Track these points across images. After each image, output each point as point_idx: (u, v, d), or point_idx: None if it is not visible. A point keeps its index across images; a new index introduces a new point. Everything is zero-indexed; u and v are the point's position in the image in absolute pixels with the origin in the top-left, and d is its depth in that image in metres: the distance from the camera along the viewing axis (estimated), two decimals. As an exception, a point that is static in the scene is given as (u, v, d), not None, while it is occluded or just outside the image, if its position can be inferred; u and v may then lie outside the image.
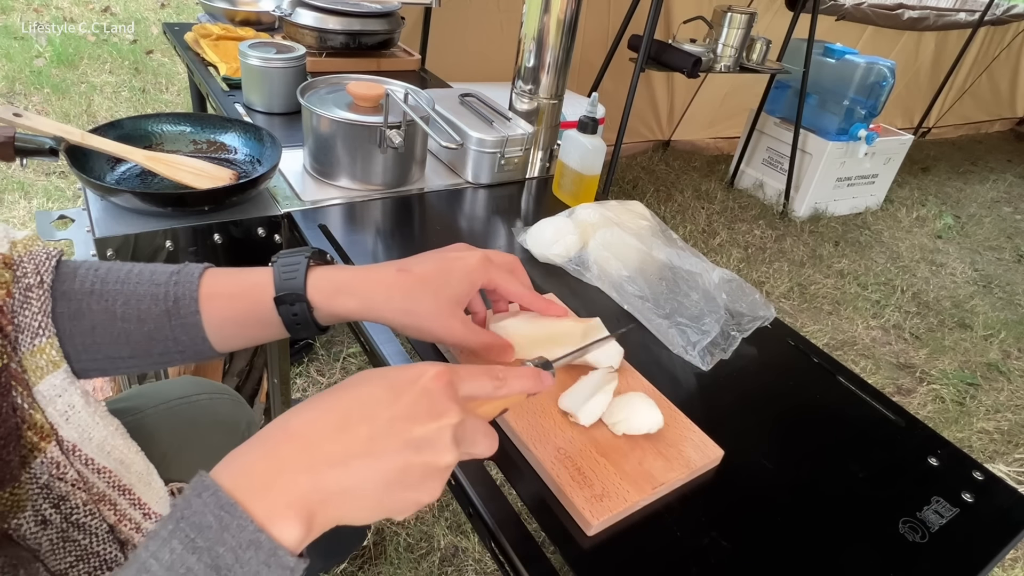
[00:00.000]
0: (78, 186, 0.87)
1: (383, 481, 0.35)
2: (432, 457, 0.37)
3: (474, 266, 0.53)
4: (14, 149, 0.79)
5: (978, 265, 2.91)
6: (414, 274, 0.52)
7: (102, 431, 0.49)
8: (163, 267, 0.51)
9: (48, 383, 0.46)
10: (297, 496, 0.33)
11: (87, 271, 0.49)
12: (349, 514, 0.35)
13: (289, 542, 0.32)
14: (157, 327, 0.49)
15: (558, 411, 0.57)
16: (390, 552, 1.26)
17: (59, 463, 0.46)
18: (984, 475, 0.62)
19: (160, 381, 0.85)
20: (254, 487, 0.33)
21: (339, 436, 0.35)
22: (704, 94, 3.36)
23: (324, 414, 0.36)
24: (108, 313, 0.48)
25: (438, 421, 0.37)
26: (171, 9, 4.01)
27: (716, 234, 2.74)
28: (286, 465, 0.34)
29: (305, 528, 0.33)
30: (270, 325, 0.51)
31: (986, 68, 4.32)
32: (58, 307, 0.47)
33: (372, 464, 0.35)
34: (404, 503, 0.37)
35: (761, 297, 0.78)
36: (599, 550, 0.49)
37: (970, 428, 1.92)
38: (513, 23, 2.29)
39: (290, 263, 0.51)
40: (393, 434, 0.36)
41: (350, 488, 0.35)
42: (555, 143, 1.12)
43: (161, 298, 0.49)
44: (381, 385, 0.38)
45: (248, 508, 0.32)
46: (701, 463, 0.56)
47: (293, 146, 1.05)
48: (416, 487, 0.37)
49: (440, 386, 0.38)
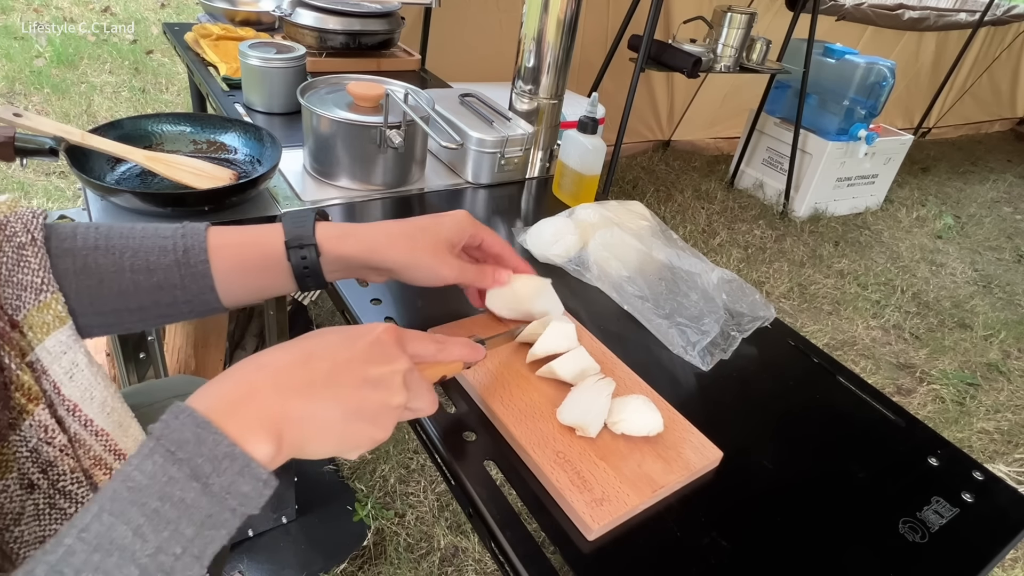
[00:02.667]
0: (78, 186, 0.87)
1: (343, 410, 0.40)
2: (385, 395, 0.42)
3: (462, 216, 0.61)
4: (14, 149, 0.79)
5: (978, 265, 2.91)
6: (411, 222, 0.59)
7: (103, 392, 0.49)
8: (165, 224, 0.53)
9: (54, 339, 0.46)
10: (266, 416, 0.37)
11: (87, 229, 0.50)
12: (313, 440, 0.39)
13: (261, 457, 0.36)
14: (166, 276, 0.50)
15: (555, 417, 0.57)
16: (390, 552, 1.26)
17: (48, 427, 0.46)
18: (984, 475, 0.62)
19: (159, 379, 0.85)
20: (227, 409, 0.36)
21: (304, 369, 0.40)
22: (704, 94, 3.35)
23: (289, 352, 0.41)
24: (116, 266, 0.49)
25: (390, 365, 0.43)
26: (171, 9, 4.01)
27: (716, 234, 2.74)
28: (256, 390, 0.38)
29: (275, 445, 0.37)
30: (279, 274, 0.54)
31: (987, 68, 4.32)
32: (61, 264, 0.48)
33: (333, 394, 0.40)
34: (360, 436, 0.41)
35: (761, 297, 0.78)
36: (599, 550, 0.49)
37: (970, 428, 1.92)
38: (513, 23, 2.29)
39: (299, 214, 0.55)
40: (351, 371, 0.41)
41: (313, 414, 0.39)
42: (555, 143, 1.12)
43: (170, 249, 0.51)
44: (339, 334, 0.43)
45: (222, 426, 0.35)
46: (700, 465, 0.56)
47: (293, 146, 1.05)
48: (372, 420, 0.41)
49: (390, 338, 0.44)
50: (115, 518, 0.32)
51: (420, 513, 1.35)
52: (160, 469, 0.33)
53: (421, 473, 1.44)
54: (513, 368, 0.62)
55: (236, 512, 0.35)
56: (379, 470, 1.42)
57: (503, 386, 0.60)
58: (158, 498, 0.33)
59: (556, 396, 0.59)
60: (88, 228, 0.51)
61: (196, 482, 0.34)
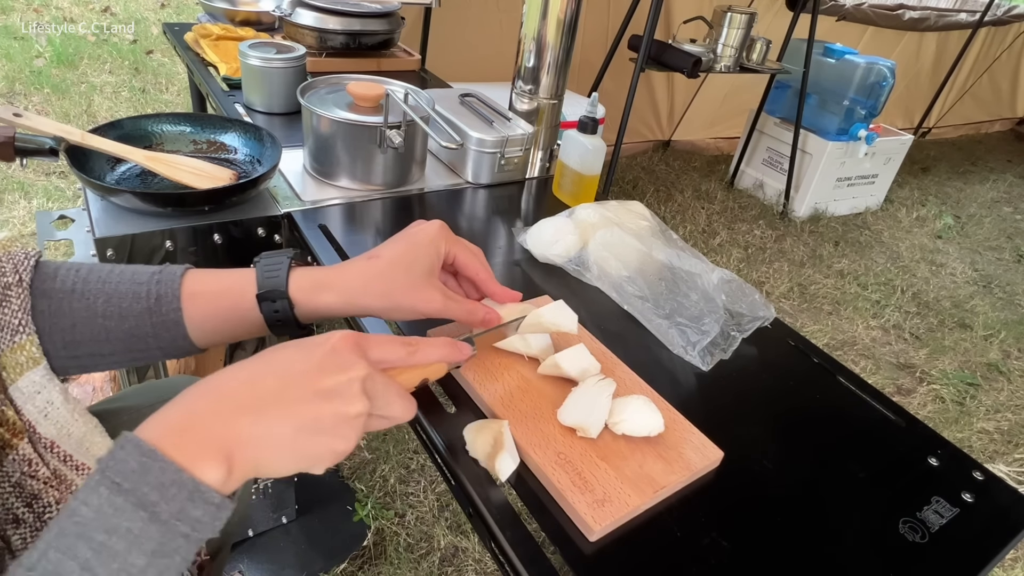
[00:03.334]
0: (78, 186, 0.87)
1: (295, 427, 0.39)
2: (341, 406, 0.40)
3: (435, 231, 0.57)
4: (14, 149, 0.79)
5: (978, 265, 2.91)
6: (384, 258, 0.55)
7: (81, 428, 0.49)
8: (144, 267, 0.52)
9: (27, 379, 0.46)
10: (212, 439, 0.36)
11: (67, 271, 0.50)
12: (268, 459, 0.38)
13: (212, 481, 0.35)
14: (138, 324, 0.50)
15: (557, 418, 0.57)
16: (390, 552, 1.26)
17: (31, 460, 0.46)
18: (984, 475, 0.62)
19: (159, 379, 0.85)
20: (173, 436, 0.36)
21: (250, 388, 0.39)
22: (704, 94, 3.35)
23: (240, 372, 0.40)
24: (89, 311, 0.49)
25: (346, 373, 0.41)
26: (171, 9, 4.01)
27: (716, 234, 2.74)
28: (200, 414, 0.37)
29: (225, 468, 0.36)
30: (251, 323, 0.53)
31: (987, 69, 4.32)
32: (38, 305, 0.48)
33: (283, 410, 0.38)
34: (320, 450, 0.40)
35: (761, 297, 0.78)
36: (599, 551, 0.49)
37: (970, 428, 1.92)
38: (513, 23, 2.29)
39: (272, 263, 0.53)
40: (303, 385, 0.39)
41: (264, 433, 0.38)
42: (555, 143, 1.11)
43: (143, 296, 0.50)
44: (293, 348, 0.42)
45: (168, 453, 0.35)
46: (701, 465, 0.56)
47: (293, 146, 1.05)
48: (330, 433, 0.40)
49: (347, 345, 0.42)
50: (62, 554, 0.31)
51: (420, 513, 1.35)
52: (105, 501, 0.33)
53: (421, 473, 1.44)
54: (514, 368, 0.62)
55: (190, 538, 0.34)
56: (379, 470, 1.42)
57: (503, 387, 0.60)
58: (104, 531, 0.32)
59: (557, 397, 0.59)
60: (68, 270, 0.50)
61: (143, 511, 0.33)
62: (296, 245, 0.88)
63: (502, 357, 0.63)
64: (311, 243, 0.83)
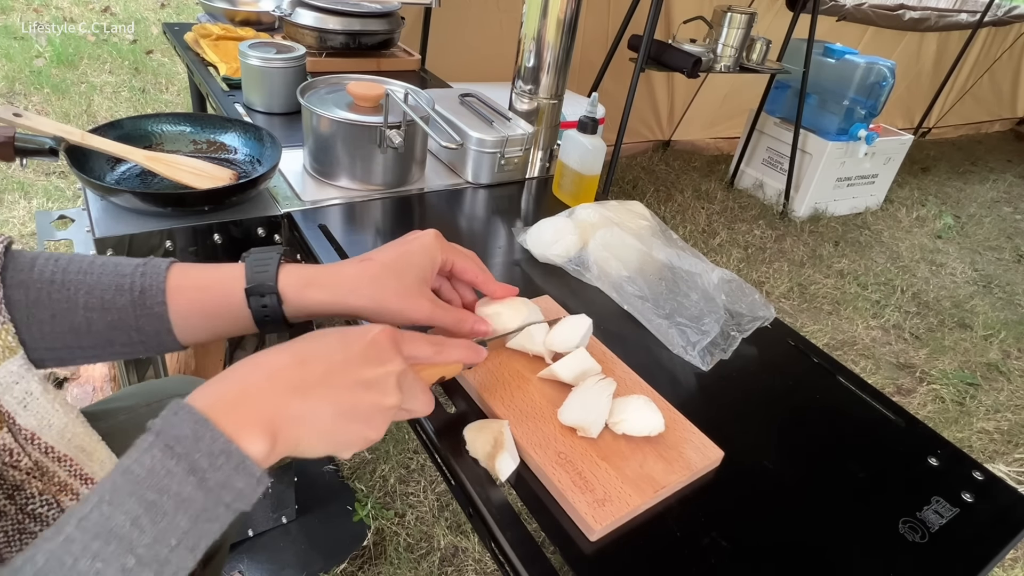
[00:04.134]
0: (78, 186, 0.87)
1: (336, 411, 0.41)
2: (379, 396, 0.42)
3: (430, 241, 0.57)
4: (14, 149, 0.79)
5: (978, 265, 2.91)
6: (377, 262, 0.55)
7: (62, 418, 0.49)
8: (128, 260, 0.51)
9: (5, 370, 0.46)
10: (262, 415, 0.38)
11: (46, 261, 0.49)
12: (306, 439, 0.40)
13: (255, 454, 0.37)
14: (121, 317, 0.49)
15: (557, 418, 0.57)
16: (390, 552, 1.26)
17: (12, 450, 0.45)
18: (984, 475, 0.62)
19: (159, 379, 0.85)
20: (224, 407, 0.37)
21: (300, 369, 0.41)
22: (704, 94, 3.35)
23: (286, 353, 0.42)
24: (70, 302, 0.48)
25: (384, 367, 0.43)
26: (171, 9, 4.01)
27: (716, 234, 2.74)
28: (252, 390, 0.39)
29: (269, 443, 0.37)
30: (238, 318, 0.52)
31: (987, 69, 4.32)
32: (15, 295, 0.47)
33: (327, 394, 0.40)
34: (353, 435, 0.42)
35: (761, 297, 0.78)
36: (599, 550, 0.49)
37: (970, 428, 1.92)
38: (513, 23, 2.29)
39: (262, 258, 0.52)
40: (346, 373, 0.41)
41: (308, 413, 0.40)
42: (555, 143, 1.12)
43: (127, 288, 0.49)
44: (335, 336, 0.44)
45: (219, 423, 0.36)
46: (702, 465, 0.56)
47: (293, 146, 1.05)
48: (365, 421, 0.42)
49: (386, 339, 0.44)
50: (114, 508, 0.33)
51: (420, 513, 1.35)
52: (159, 463, 0.34)
53: (421, 473, 1.44)
54: (514, 368, 0.62)
55: (230, 507, 0.36)
56: (379, 470, 1.42)
57: (504, 386, 0.60)
58: (156, 490, 0.34)
59: (557, 397, 0.59)
60: (47, 260, 0.49)
61: (193, 476, 0.34)
62: (296, 245, 0.88)
63: (502, 356, 0.63)
64: (311, 243, 0.83)
